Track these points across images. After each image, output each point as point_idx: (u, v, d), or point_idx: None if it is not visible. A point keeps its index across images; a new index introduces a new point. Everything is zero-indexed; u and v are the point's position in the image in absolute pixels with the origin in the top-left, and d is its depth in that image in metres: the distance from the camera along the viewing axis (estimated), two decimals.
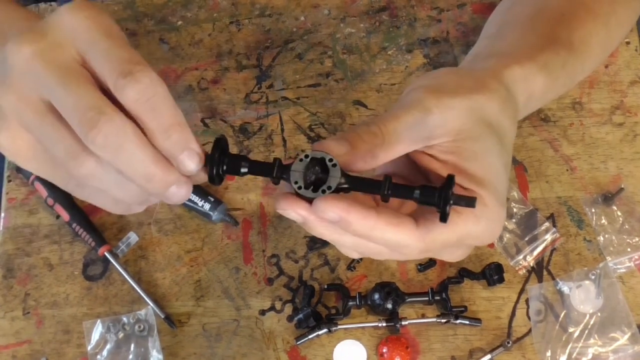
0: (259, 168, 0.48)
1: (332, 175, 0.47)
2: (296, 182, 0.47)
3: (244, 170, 0.47)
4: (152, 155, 0.42)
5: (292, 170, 0.47)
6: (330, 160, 0.47)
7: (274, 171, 0.47)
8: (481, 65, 0.59)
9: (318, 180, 0.47)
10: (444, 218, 0.46)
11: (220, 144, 0.46)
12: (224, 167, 0.47)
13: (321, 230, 0.48)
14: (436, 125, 0.50)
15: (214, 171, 0.46)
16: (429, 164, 0.51)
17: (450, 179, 0.47)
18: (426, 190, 0.47)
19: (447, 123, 0.50)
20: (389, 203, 0.48)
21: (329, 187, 0.46)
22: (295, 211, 0.47)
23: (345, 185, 0.47)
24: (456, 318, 0.71)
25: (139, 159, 0.42)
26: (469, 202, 0.46)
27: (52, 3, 0.90)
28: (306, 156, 0.47)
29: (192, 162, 0.43)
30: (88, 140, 0.41)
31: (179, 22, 0.87)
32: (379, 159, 0.50)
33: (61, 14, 0.44)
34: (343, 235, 0.49)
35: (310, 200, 0.47)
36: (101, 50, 0.43)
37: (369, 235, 0.47)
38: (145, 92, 0.41)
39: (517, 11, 0.68)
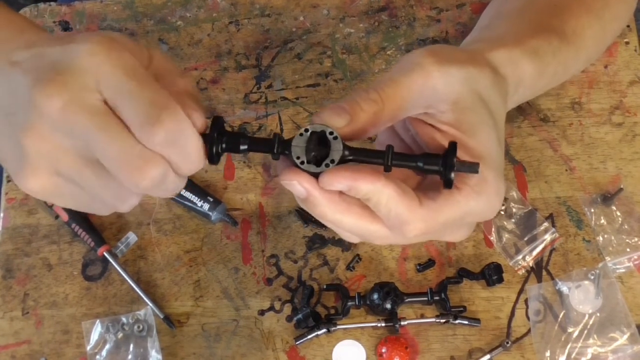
0: (258, 144, 0.47)
1: (334, 149, 0.46)
2: (298, 157, 0.46)
3: (243, 147, 0.47)
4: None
5: (293, 146, 0.46)
6: (331, 133, 0.46)
7: (275, 147, 0.47)
8: (470, 48, 0.59)
9: (320, 153, 0.47)
10: (448, 184, 0.46)
11: (218, 122, 0.46)
12: (223, 145, 0.46)
13: (323, 209, 0.48)
14: (436, 89, 0.50)
15: (214, 150, 0.45)
16: (431, 133, 0.51)
17: (452, 145, 0.47)
18: (429, 158, 0.47)
19: (447, 89, 0.50)
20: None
21: (332, 161, 0.46)
22: (300, 183, 0.46)
23: (349, 157, 0.47)
24: (455, 318, 0.71)
25: (173, 191, 0.46)
26: (472, 167, 0.46)
27: (52, 3, 0.90)
28: (306, 130, 0.46)
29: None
30: (136, 186, 0.43)
31: (178, 22, 0.87)
32: (379, 127, 0.50)
33: (81, 55, 0.42)
34: (344, 215, 0.48)
35: (314, 175, 0.46)
36: (125, 94, 0.42)
37: (378, 200, 0.47)
38: (171, 135, 0.42)
39: (510, 3, 0.68)
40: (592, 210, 0.75)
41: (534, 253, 0.74)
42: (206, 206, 0.77)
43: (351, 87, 0.82)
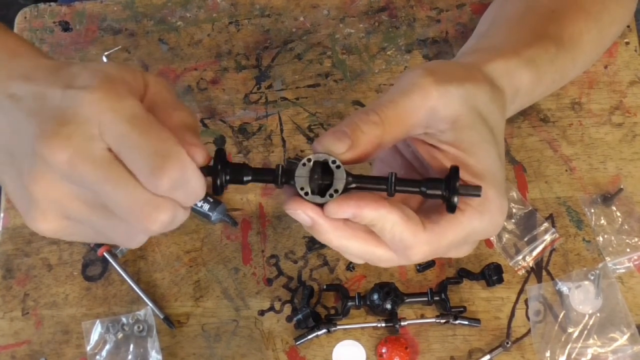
0: (261, 175, 0.48)
1: (337, 178, 0.47)
2: (302, 188, 0.47)
3: (247, 178, 0.48)
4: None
5: (296, 177, 0.47)
6: (334, 162, 0.47)
7: (279, 178, 0.47)
8: (467, 59, 0.59)
9: (324, 180, 0.47)
10: (452, 209, 0.47)
11: (221, 154, 0.47)
12: (227, 177, 0.47)
13: (329, 236, 0.48)
14: (436, 110, 0.50)
15: (218, 182, 0.46)
16: (431, 153, 0.51)
17: (454, 169, 0.47)
18: (432, 183, 0.47)
19: (446, 108, 0.50)
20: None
21: (336, 191, 0.47)
22: (305, 212, 0.47)
23: (352, 185, 0.47)
24: (455, 318, 0.71)
25: (179, 224, 0.46)
26: (475, 191, 0.47)
27: (52, 3, 0.90)
28: (309, 160, 0.47)
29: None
30: (146, 231, 0.44)
31: (178, 23, 0.87)
32: (381, 149, 0.50)
33: (83, 104, 0.42)
34: (350, 241, 0.49)
35: (318, 205, 0.47)
36: (127, 144, 0.42)
37: (382, 226, 0.47)
38: (176, 181, 0.43)
39: (508, 9, 0.68)
40: (592, 210, 0.75)
41: (534, 253, 0.74)
42: (206, 206, 0.77)
43: (351, 87, 0.82)
